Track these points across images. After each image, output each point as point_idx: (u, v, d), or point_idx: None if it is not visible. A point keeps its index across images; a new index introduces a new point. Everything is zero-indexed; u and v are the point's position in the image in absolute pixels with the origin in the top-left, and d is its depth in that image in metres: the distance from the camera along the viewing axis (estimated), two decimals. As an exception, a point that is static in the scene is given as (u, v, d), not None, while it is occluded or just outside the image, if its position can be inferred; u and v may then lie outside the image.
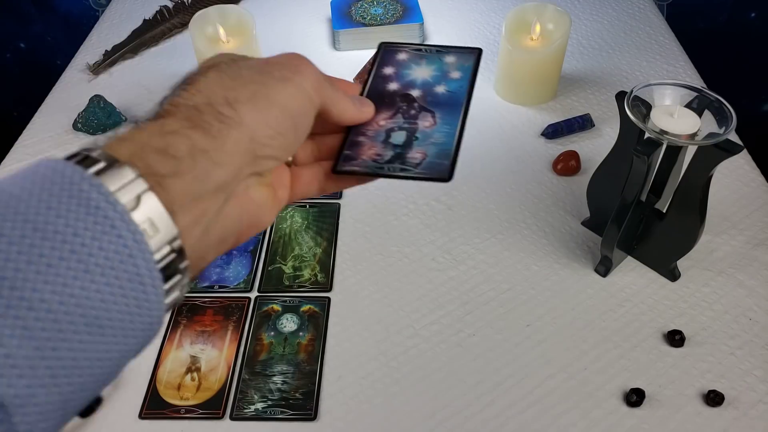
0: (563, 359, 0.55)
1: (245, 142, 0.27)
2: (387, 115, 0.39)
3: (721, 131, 0.50)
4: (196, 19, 0.80)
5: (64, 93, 0.88)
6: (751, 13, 1.25)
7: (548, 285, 0.61)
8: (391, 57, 0.42)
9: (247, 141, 0.27)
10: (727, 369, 0.54)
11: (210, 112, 0.26)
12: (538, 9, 0.80)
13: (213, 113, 0.26)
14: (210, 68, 0.30)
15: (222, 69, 0.30)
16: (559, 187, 0.72)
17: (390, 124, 0.38)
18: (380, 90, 0.40)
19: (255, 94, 0.28)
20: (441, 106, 0.39)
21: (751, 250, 0.64)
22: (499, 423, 0.51)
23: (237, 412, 0.53)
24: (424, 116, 0.39)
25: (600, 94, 0.84)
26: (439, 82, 0.40)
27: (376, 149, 0.36)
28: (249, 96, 0.28)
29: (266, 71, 0.30)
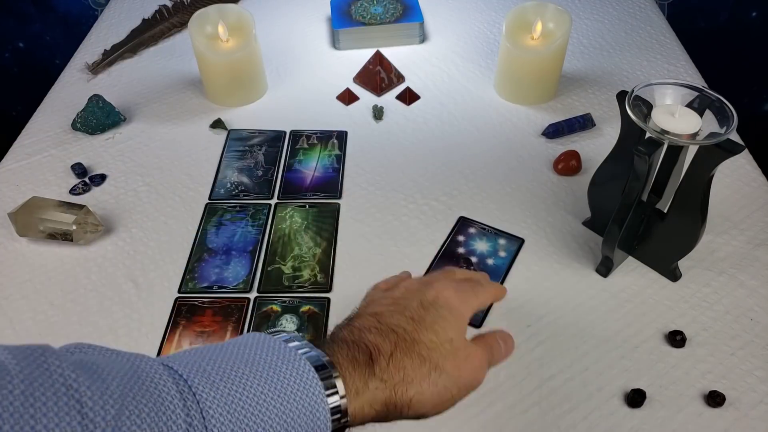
0: (564, 360, 0.55)
1: (413, 413, 0.38)
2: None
3: (723, 131, 0.50)
4: (195, 19, 0.80)
5: (62, 92, 0.87)
6: (752, 12, 1.25)
7: (549, 285, 0.61)
8: (465, 228, 0.67)
9: (413, 413, 0.38)
10: (729, 369, 0.54)
11: (400, 403, 0.37)
12: (539, 8, 0.80)
13: (401, 403, 0.37)
14: (427, 358, 0.39)
15: (435, 368, 0.39)
16: (559, 187, 0.71)
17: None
18: (453, 249, 0.65)
19: (437, 406, 0.39)
20: (489, 272, 0.61)
21: (752, 250, 0.63)
22: (499, 424, 0.51)
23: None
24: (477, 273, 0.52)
25: (601, 94, 0.84)
26: (491, 255, 0.64)
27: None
28: (432, 401, 0.38)
29: (462, 387, 0.40)
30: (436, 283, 0.43)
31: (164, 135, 0.80)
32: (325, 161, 0.76)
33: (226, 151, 0.78)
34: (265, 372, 0.32)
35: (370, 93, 0.86)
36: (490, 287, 0.46)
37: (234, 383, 0.31)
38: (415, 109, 0.83)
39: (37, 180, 0.74)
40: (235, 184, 0.73)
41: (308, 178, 0.74)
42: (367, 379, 0.36)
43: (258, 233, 0.67)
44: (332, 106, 0.84)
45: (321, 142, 0.78)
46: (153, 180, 0.74)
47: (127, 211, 0.70)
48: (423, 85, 0.87)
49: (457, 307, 0.42)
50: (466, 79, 0.87)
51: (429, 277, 0.45)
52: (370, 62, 0.87)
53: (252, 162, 0.76)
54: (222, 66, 0.80)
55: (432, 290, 0.42)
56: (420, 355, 0.38)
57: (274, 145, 0.78)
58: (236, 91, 0.83)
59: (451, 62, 0.91)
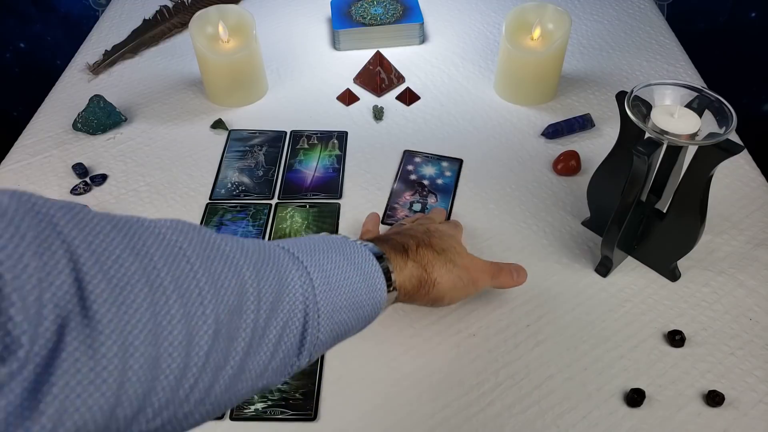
0: (563, 359, 0.55)
1: (435, 294, 0.51)
2: (410, 194, 0.71)
3: (722, 131, 0.50)
4: (195, 19, 0.80)
5: (63, 93, 0.88)
6: (752, 12, 1.25)
7: (548, 285, 0.61)
8: (410, 159, 0.75)
9: (435, 294, 0.51)
10: (728, 369, 0.54)
11: (428, 279, 0.50)
12: (539, 9, 0.80)
13: (429, 280, 0.50)
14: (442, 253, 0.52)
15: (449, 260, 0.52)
16: (559, 187, 0.72)
17: (412, 199, 0.70)
18: (406, 177, 0.73)
19: (453, 290, 0.52)
20: (440, 191, 0.71)
21: (751, 250, 0.64)
22: (499, 424, 0.51)
23: (237, 412, 0.53)
24: (431, 196, 0.71)
25: (600, 94, 0.84)
26: (438, 177, 0.72)
27: (404, 212, 0.69)
28: (449, 284, 0.51)
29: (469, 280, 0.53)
30: (423, 220, 0.59)
31: (165, 135, 0.80)
32: (326, 161, 0.76)
33: (227, 151, 0.78)
34: (346, 254, 0.44)
35: (371, 93, 0.86)
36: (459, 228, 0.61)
37: (329, 260, 0.42)
38: (415, 109, 0.83)
39: (39, 180, 0.74)
40: (236, 184, 0.73)
41: (309, 178, 0.74)
42: (405, 260, 0.49)
43: (258, 233, 0.68)
44: (332, 106, 0.84)
45: (321, 143, 0.78)
46: (154, 180, 0.74)
47: (128, 211, 0.70)
48: (423, 85, 0.87)
49: (452, 234, 0.56)
50: (466, 79, 0.88)
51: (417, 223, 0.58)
52: (370, 63, 0.87)
53: (252, 162, 0.76)
54: (222, 66, 0.81)
55: (425, 224, 0.56)
56: (436, 251, 0.52)
57: (275, 146, 0.78)
58: (237, 92, 0.84)
59: (451, 63, 0.91)
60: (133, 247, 0.30)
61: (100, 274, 0.27)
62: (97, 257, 0.28)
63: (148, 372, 0.28)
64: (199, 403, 0.31)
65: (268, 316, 0.35)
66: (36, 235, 0.26)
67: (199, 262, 0.32)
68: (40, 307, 0.25)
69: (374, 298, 0.44)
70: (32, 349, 0.24)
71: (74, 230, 0.28)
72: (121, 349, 0.27)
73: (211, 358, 0.31)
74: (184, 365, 0.30)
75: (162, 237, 0.32)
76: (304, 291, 0.38)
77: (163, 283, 0.30)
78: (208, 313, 0.31)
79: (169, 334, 0.29)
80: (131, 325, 0.28)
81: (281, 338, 0.36)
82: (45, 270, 0.26)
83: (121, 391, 0.27)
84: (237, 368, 0.33)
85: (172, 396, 0.29)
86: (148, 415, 0.29)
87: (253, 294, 0.34)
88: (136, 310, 0.28)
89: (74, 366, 0.25)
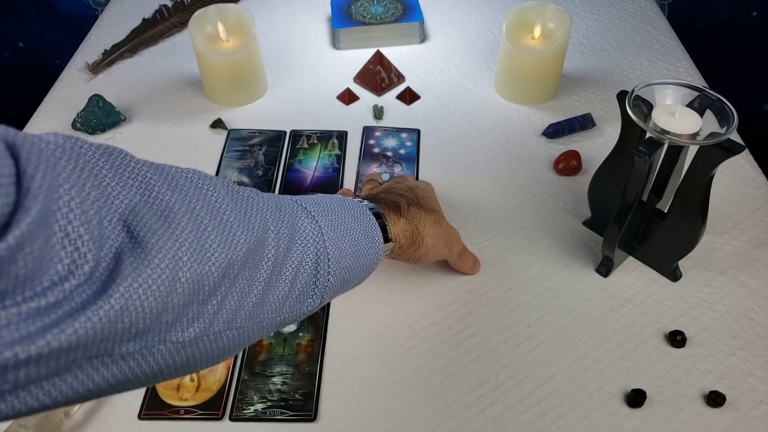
0: (564, 360, 0.55)
1: (423, 251, 0.55)
2: (377, 165, 0.75)
3: (723, 131, 0.50)
4: (195, 18, 0.80)
5: (63, 92, 0.87)
6: (752, 11, 1.25)
7: (549, 285, 0.61)
8: (372, 132, 0.79)
9: (423, 250, 0.55)
10: (729, 370, 0.54)
11: (419, 236, 0.54)
12: (539, 8, 0.80)
13: (419, 236, 0.54)
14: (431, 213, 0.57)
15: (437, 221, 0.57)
16: (559, 187, 0.71)
17: (379, 170, 0.74)
18: (370, 151, 0.76)
19: (435, 248, 0.56)
20: (404, 160, 0.75)
21: (752, 250, 0.63)
22: (499, 424, 0.51)
23: (236, 413, 0.53)
24: (396, 165, 0.75)
25: (601, 94, 0.84)
26: (400, 147, 0.77)
27: (371, 174, 0.70)
28: (433, 242, 0.56)
29: (448, 241, 0.58)
30: (399, 179, 0.62)
31: (164, 135, 0.80)
32: (325, 161, 0.76)
33: (226, 150, 0.78)
34: (347, 208, 0.48)
35: (371, 93, 0.86)
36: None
37: (333, 212, 0.46)
38: (415, 108, 0.83)
39: (37, 180, 0.74)
40: (236, 183, 0.73)
41: (308, 178, 0.74)
42: (399, 217, 0.53)
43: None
44: (332, 105, 0.84)
45: (321, 142, 0.78)
46: (153, 180, 0.74)
47: (127, 211, 0.70)
48: (423, 85, 0.87)
49: (429, 189, 0.61)
50: (466, 78, 0.87)
51: (394, 181, 0.61)
52: (370, 62, 0.87)
53: (252, 162, 0.76)
54: (222, 66, 0.80)
55: (405, 182, 0.60)
56: (425, 210, 0.56)
57: (274, 145, 0.78)
58: (236, 91, 0.83)
59: (451, 62, 0.91)
60: (170, 183, 0.35)
61: (143, 204, 0.32)
62: (142, 192, 0.33)
63: (192, 285, 0.32)
64: (226, 325, 0.35)
65: (285, 253, 0.40)
66: (90, 170, 0.30)
67: (226, 202, 0.37)
68: (102, 229, 0.29)
69: (373, 247, 0.48)
70: (97, 264, 0.28)
71: (115, 175, 0.32)
72: (172, 262, 0.31)
73: (238, 282, 0.35)
74: (216, 284, 0.34)
75: (191, 180, 0.37)
76: (314, 235, 0.42)
77: (200, 214, 0.34)
78: (241, 242, 0.36)
79: (211, 255, 0.33)
80: (179, 243, 0.32)
81: (297, 275, 0.40)
82: (102, 199, 0.30)
83: (169, 299, 0.31)
84: (260, 297, 0.37)
85: (202, 309, 0.33)
86: (183, 324, 0.32)
87: (273, 231, 0.39)
88: (182, 231, 0.32)
89: (134, 272, 0.29)
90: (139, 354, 0.31)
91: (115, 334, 0.28)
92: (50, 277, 0.26)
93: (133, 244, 0.30)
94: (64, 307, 0.26)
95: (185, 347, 0.33)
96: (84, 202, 0.28)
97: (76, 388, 0.28)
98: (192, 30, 0.79)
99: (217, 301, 0.34)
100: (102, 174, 0.31)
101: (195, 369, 0.35)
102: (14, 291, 0.25)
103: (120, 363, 0.30)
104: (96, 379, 0.29)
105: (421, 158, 0.76)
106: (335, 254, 0.44)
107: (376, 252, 0.49)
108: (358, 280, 0.48)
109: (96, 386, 0.29)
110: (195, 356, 0.34)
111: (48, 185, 0.26)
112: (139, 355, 0.31)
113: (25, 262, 0.25)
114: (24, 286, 0.25)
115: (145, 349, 0.31)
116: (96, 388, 0.29)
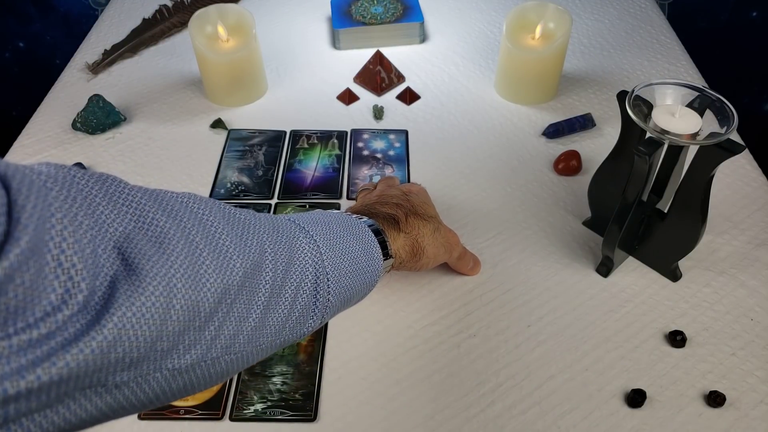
0: (564, 360, 0.55)
1: (424, 261, 0.56)
2: (367, 167, 0.75)
3: (723, 131, 0.50)
4: (195, 18, 0.80)
5: (63, 92, 0.87)
6: (753, 12, 1.25)
7: (549, 285, 0.61)
8: (360, 135, 0.78)
9: (424, 261, 0.56)
10: (729, 370, 0.54)
11: (419, 248, 0.54)
12: (539, 8, 0.80)
13: (420, 248, 0.54)
14: (430, 221, 0.57)
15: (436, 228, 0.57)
16: (560, 187, 0.71)
17: (370, 172, 0.74)
18: (359, 154, 0.76)
19: (435, 255, 0.57)
20: (394, 161, 0.75)
21: (752, 250, 0.63)
22: (499, 424, 0.51)
23: (236, 413, 0.53)
24: (387, 167, 0.74)
25: (601, 94, 0.84)
26: (389, 149, 0.77)
27: (365, 184, 0.67)
28: (434, 251, 0.56)
29: (448, 246, 0.58)
30: (389, 181, 0.63)
31: (164, 135, 0.80)
32: (325, 161, 0.76)
33: (226, 150, 0.78)
34: (345, 226, 0.48)
35: (371, 93, 0.86)
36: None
37: (331, 231, 0.46)
38: (415, 108, 0.83)
39: (38, 180, 0.74)
40: (236, 183, 0.73)
41: (308, 178, 0.74)
42: (398, 232, 0.53)
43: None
44: (332, 106, 0.84)
45: (321, 142, 0.78)
46: (153, 180, 0.74)
47: (127, 211, 0.70)
48: (423, 85, 0.87)
49: (423, 193, 0.61)
50: (466, 78, 0.87)
51: (385, 186, 0.62)
52: (370, 62, 0.87)
53: (252, 162, 0.76)
54: (222, 66, 0.80)
55: (400, 187, 0.60)
56: (424, 219, 0.56)
57: (274, 145, 0.78)
58: (236, 91, 0.83)
59: (451, 62, 0.91)
60: (164, 208, 0.34)
61: (137, 230, 0.32)
62: (136, 219, 0.32)
63: (187, 312, 0.32)
64: (224, 350, 0.35)
65: (283, 275, 0.39)
66: (83, 200, 0.30)
67: (222, 225, 0.36)
68: (96, 257, 0.29)
69: (373, 264, 0.48)
70: (91, 293, 0.27)
71: (109, 202, 0.32)
72: (166, 289, 0.30)
73: (235, 307, 0.35)
74: (212, 309, 0.33)
75: (186, 204, 0.36)
76: (312, 256, 0.42)
77: (195, 239, 0.34)
78: (237, 266, 0.35)
79: (206, 281, 0.33)
80: (174, 269, 0.31)
81: (296, 297, 0.40)
82: (96, 227, 0.30)
83: (163, 326, 0.30)
84: (258, 321, 0.37)
85: (199, 336, 0.33)
86: (179, 351, 0.32)
87: (270, 254, 0.39)
88: (177, 257, 0.32)
89: (128, 301, 0.29)
90: (134, 382, 0.30)
91: (108, 365, 0.28)
92: (43, 307, 0.25)
93: (127, 271, 0.30)
94: (56, 338, 0.26)
95: (182, 374, 0.33)
96: (77, 231, 0.28)
97: (69, 418, 0.28)
98: (192, 30, 0.79)
99: (215, 327, 0.34)
100: (96, 202, 0.31)
101: (192, 393, 0.35)
102: (5, 323, 0.24)
103: (114, 392, 0.29)
104: (89, 409, 0.29)
105: (414, 159, 0.76)
106: (334, 274, 0.43)
107: (376, 269, 0.49)
108: (358, 298, 0.48)
109: (89, 416, 0.29)
110: (192, 382, 0.34)
111: (39, 215, 0.26)
112: (134, 383, 0.30)
113: (15, 293, 0.24)
114: (15, 318, 0.25)
115: (140, 377, 0.30)
116: (89, 418, 0.29)
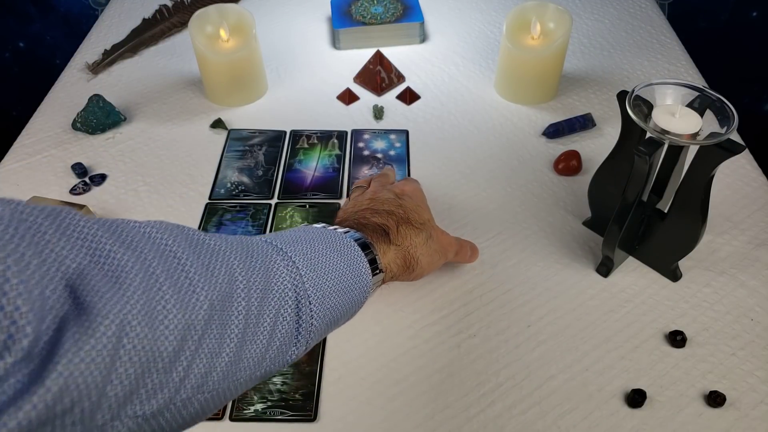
0: (564, 360, 0.55)
1: (418, 272, 0.53)
2: (368, 167, 0.74)
3: (723, 131, 0.50)
4: (195, 18, 0.80)
5: (63, 92, 0.87)
6: (753, 12, 1.25)
7: (549, 285, 0.61)
8: (360, 136, 0.78)
9: (419, 271, 0.54)
10: (729, 370, 0.54)
11: (412, 259, 0.52)
12: (539, 8, 0.80)
13: (413, 260, 0.52)
14: (422, 228, 0.54)
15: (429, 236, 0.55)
16: (560, 187, 0.71)
17: (370, 172, 0.73)
18: (359, 154, 0.76)
19: (430, 264, 0.55)
20: (394, 161, 0.75)
21: (752, 251, 0.63)
22: (499, 424, 0.51)
23: (236, 413, 0.53)
24: (387, 167, 0.71)
25: (601, 94, 0.84)
26: (390, 149, 0.76)
27: (359, 182, 0.64)
28: (428, 259, 0.54)
29: (443, 251, 0.57)
30: (382, 179, 0.61)
31: (164, 135, 0.80)
32: (326, 161, 0.76)
33: (227, 150, 0.78)
34: (327, 241, 0.45)
35: (371, 93, 0.86)
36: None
37: (311, 248, 0.43)
38: (415, 108, 0.83)
39: (38, 180, 0.74)
40: (236, 183, 0.73)
41: (308, 178, 0.74)
42: (388, 245, 0.50)
43: (258, 233, 0.67)
44: (332, 106, 0.84)
45: (321, 142, 0.78)
46: (153, 180, 0.74)
47: (128, 211, 0.70)
48: (423, 84, 0.87)
49: (418, 195, 0.59)
50: (466, 78, 0.87)
51: (379, 185, 0.59)
52: (370, 62, 0.87)
53: (252, 162, 0.76)
54: (222, 66, 0.80)
55: (393, 189, 0.58)
56: (416, 228, 0.53)
57: (275, 145, 0.78)
58: (236, 91, 0.83)
59: (451, 62, 0.91)
60: (123, 241, 0.32)
61: (93, 265, 0.29)
62: (92, 254, 0.30)
63: (142, 353, 0.29)
64: (196, 389, 0.32)
65: (260, 303, 0.37)
66: (31, 237, 0.28)
67: (186, 255, 0.34)
68: (44, 300, 0.26)
69: (361, 281, 0.45)
70: (37, 338, 0.25)
71: (62, 237, 0.29)
72: (118, 329, 0.28)
73: (205, 343, 0.32)
74: (178, 348, 0.31)
75: (148, 235, 0.33)
76: (292, 279, 0.40)
77: (156, 272, 0.31)
78: (202, 299, 0.32)
79: (165, 318, 0.30)
80: (130, 306, 0.29)
81: (276, 326, 0.38)
82: (44, 266, 0.27)
83: (112, 368, 0.28)
84: (234, 355, 0.35)
85: (165, 378, 0.30)
86: (141, 396, 0.29)
87: (242, 282, 0.36)
88: (133, 293, 0.29)
89: (75, 345, 0.26)
90: None
91: (54, 417, 0.25)
92: None
93: (78, 311, 0.28)
94: None
95: (148, 420, 0.30)
96: (23, 271, 0.26)
97: None
98: (192, 30, 0.79)
99: (183, 367, 0.31)
100: (45, 239, 0.28)
101: None
102: None
103: None
104: None
105: (414, 158, 0.76)
106: (317, 295, 0.41)
107: (364, 286, 0.46)
108: (346, 318, 0.45)
109: None
110: (162, 427, 0.31)
111: None
112: None
113: None
114: None
115: (96, 429, 0.28)
116: None
